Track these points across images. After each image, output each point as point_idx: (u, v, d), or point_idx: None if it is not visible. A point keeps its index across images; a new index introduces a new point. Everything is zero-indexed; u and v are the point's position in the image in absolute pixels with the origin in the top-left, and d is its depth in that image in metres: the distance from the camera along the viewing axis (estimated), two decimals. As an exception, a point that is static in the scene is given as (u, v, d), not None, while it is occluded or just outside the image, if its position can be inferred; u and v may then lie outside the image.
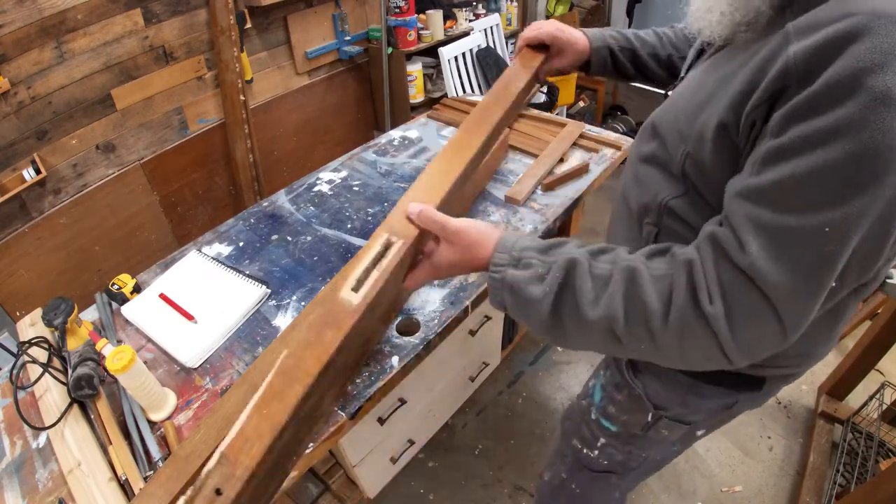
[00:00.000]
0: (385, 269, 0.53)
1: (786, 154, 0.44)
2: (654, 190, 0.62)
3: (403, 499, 1.48)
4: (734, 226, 0.48)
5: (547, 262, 0.55)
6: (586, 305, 0.52)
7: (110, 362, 0.73)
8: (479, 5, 2.84)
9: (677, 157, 0.58)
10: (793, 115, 0.44)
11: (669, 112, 0.62)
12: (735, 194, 0.48)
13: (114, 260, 1.99)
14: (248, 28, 2.05)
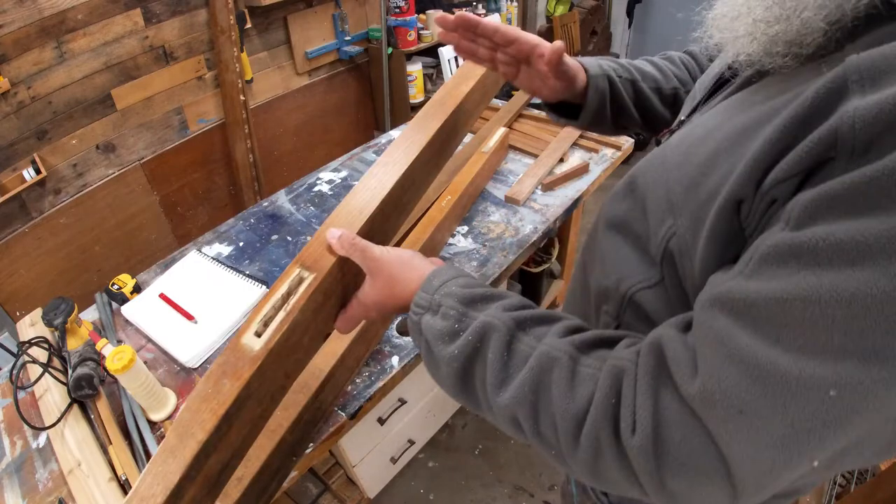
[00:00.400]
0: (292, 310, 0.46)
1: (803, 259, 0.30)
2: (619, 272, 0.48)
3: (403, 499, 1.48)
4: (697, 340, 0.35)
5: (466, 319, 0.44)
6: (491, 386, 0.41)
7: (110, 362, 0.73)
8: (479, 5, 2.84)
9: (660, 234, 0.43)
10: (829, 203, 0.29)
11: (658, 169, 0.45)
12: (710, 299, 0.35)
13: (114, 260, 1.99)
14: (248, 28, 2.05)
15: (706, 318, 0.34)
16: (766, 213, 0.34)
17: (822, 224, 0.29)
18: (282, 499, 1.18)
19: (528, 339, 0.42)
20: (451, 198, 1.13)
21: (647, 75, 0.67)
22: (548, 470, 1.53)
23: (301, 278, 0.49)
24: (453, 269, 0.49)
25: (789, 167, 0.32)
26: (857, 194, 0.28)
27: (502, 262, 1.07)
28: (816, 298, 0.29)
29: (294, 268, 0.49)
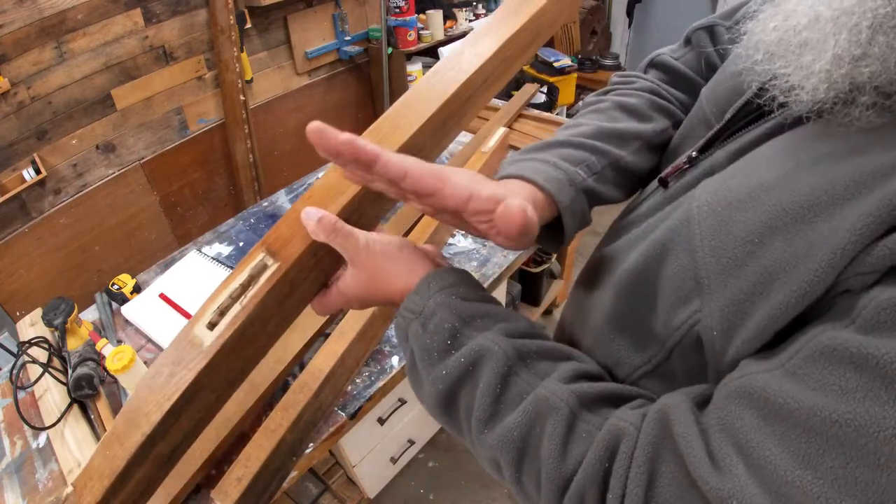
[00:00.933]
0: (248, 304, 0.41)
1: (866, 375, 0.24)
2: (614, 355, 0.41)
3: (403, 499, 1.48)
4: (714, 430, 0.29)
5: (460, 337, 0.38)
6: (477, 420, 0.36)
7: (110, 362, 0.73)
8: (479, 5, 2.84)
9: (676, 318, 0.34)
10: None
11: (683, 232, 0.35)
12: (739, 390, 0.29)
13: (114, 260, 1.99)
14: (248, 28, 2.05)
15: (730, 410, 0.28)
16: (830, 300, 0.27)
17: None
18: (282, 499, 1.18)
19: (528, 376, 0.36)
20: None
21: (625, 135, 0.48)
22: None
23: (264, 265, 0.42)
24: (456, 274, 0.41)
25: (878, 261, 0.25)
26: None
27: (502, 262, 1.07)
28: (874, 430, 0.23)
29: (259, 251, 0.42)
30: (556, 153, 0.45)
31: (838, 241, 0.26)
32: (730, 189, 0.33)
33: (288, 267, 0.41)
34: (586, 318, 0.44)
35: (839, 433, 0.24)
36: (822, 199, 0.28)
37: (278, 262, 0.41)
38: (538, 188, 0.41)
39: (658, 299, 0.36)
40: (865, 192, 0.26)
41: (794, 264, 0.28)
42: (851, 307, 0.25)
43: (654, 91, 0.52)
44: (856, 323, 0.25)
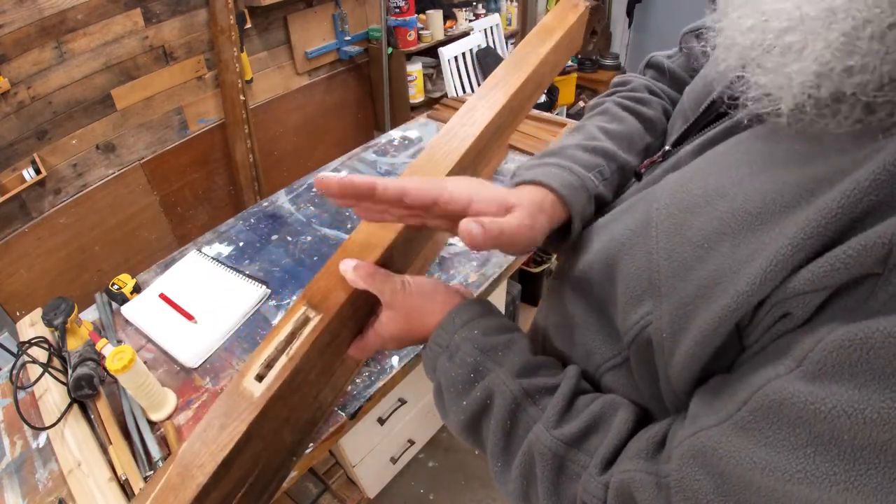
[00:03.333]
0: (294, 355, 0.43)
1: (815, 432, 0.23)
2: (586, 345, 0.41)
3: (403, 499, 1.48)
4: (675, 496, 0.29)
5: (481, 370, 0.40)
6: (492, 455, 0.40)
7: (110, 362, 0.73)
8: (479, 5, 2.84)
9: (632, 318, 0.34)
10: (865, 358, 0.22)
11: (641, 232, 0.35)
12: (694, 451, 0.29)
13: (114, 260, 1.99)
14: (248, 28, 2.05)
15: (686, 473, 0.28)
16: (773, 327, 0.27)
17: (849, 387, 0.22)
18: (282, 499, 1.18)
19: (534, 412, 0.38)
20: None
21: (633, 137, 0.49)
22: None
23: (307, 318, 0.44)
24: (479, 306, 0.44)
25: (814, 280, 0.24)
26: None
27: (502, 262, 1.07)
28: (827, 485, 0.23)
29: (300, 304, 0.45)
30: (570, 158, 0.46)
31: (776, 249, 0.25)
32: (688, 191, 0.33)
33: (330, 318, 0.44)
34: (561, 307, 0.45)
35: (794, 490, 0.24)
36: (770, 206, 0.27)
37: (320, 313, 0.44)
38: (554, 193, 0.42)
39: (618, 296, 0.36)
40: (811, 200, 0.25)
41: (735, 271, 0.27)
42: (796, 346, 0.25)
43: (647, 87, 0.54)
44: (802, 367, 0.24)
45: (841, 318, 0.23)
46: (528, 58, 0.62)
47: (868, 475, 0.21)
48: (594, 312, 0.40)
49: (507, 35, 3.02)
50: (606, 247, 0.38)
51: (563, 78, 2.91)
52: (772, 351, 0.27)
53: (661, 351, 0.32)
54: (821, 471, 0.23)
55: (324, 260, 1.11)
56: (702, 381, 0.31)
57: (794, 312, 0.25)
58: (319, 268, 1.13)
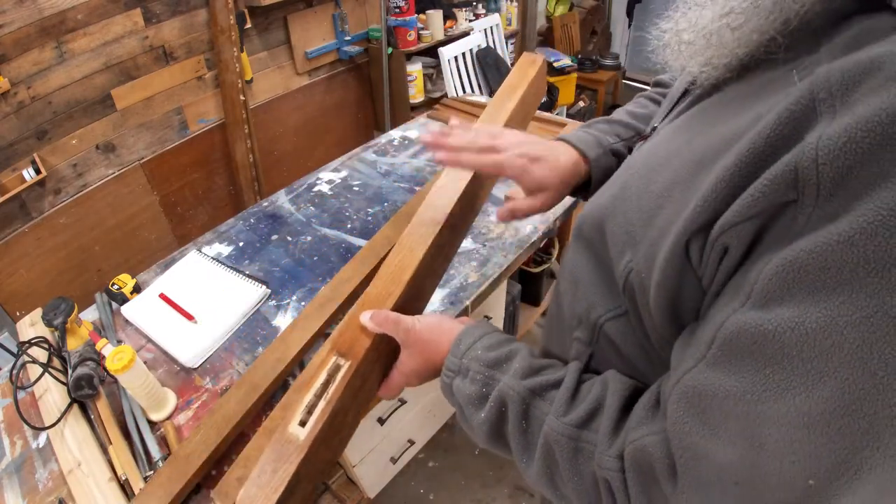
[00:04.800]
0: (331, 399, 0.49)
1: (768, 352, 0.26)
2: (589, 298, 0.45)
3: (403, 499, 1.48)
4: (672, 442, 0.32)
5: (492, 382, 0.44)
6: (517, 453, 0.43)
7: (110, 362, 0.73)
8: (479, 5, 2.84)
9: (620, 266, 0.39)
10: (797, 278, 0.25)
11: (620, 194, 0.40)
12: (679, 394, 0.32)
13: (114, 260, 1.99)
14: (248, 28, 2.05)
15: (678, 418, 0.32)
16: (720, 264, 0.30)
17: (789, 305, 0.25)
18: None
19: (544, 406, 0.41)
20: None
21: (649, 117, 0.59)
22: None
23: (338, 366, 0.51)
24: (479, 328, 0.49)
25: (741, 210, 0.27)
26: (826, 266, 0.23)
27: (502, 262, 1.07)
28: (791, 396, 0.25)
29: (331, 355, 0.51)
30: (596, 127, 0.61)
31: (708, 185, 0.29)
32: (654, 155, 0.39)
33: (358, 363, 0.50)
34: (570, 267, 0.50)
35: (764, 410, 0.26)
36: (708, 155, 0.32)
37: (349, 360, 0.50)
38: (574, 148, 0.57)
39: (610, 252, 0.41)
40: (734, 144, 0.29)
41: (683, 209, 0.31)
42: (744, 281, 0.28)
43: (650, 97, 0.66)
44: (751, 299, 0.27)
45: (775, 248, 0.26)
46: (498, 115, 0.72)
47: (822, 381, 0.24)
48: (595, 270, 0.44)
49: (507, 35, 3.02)
50: (597, 211, 0.43)
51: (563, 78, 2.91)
52: (727, 292, 0.30)
53: (642, 291, 0.36)
54: (781, 386, 0.25)
55: (324, 260, 1.12)
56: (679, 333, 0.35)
57: (732, 245, 0.28)
58: (319, 268, 1.14)
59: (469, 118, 1.63)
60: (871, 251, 0.22)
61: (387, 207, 1.26)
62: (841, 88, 0.24)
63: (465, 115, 1.66)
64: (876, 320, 0.22)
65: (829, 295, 0.23)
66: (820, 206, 0.24)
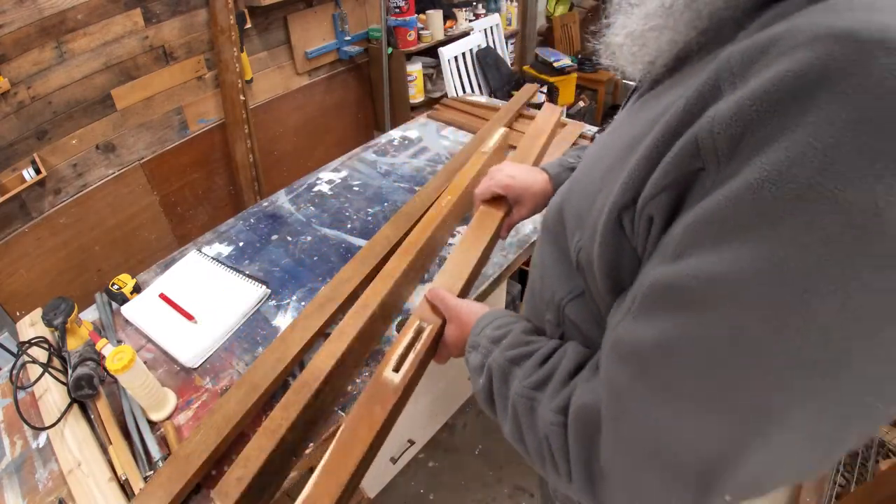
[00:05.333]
0: (419, 351, 0.64)
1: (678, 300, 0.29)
2: (552, 283, 0.49)
3: (403, 499, 1.48)
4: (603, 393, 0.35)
5: (487, 355, 0.50)
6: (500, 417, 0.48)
7: (110, 362, 0.73)
8: (479, 5, 2.84)
9: (572, 247, 0.43)
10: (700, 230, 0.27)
11: (572, 182, 0.47)
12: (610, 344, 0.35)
13: (114, 260, 1.99)
14: (248, 28, 2.05)
15: (606, 368, 0.35)
16: (649, 234, 0.33)
17: (695, 256, 0.27)
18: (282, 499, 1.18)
19: (518, 372, 0.46)
20: (451, 198, 1.13)
21: None
22: None
23: (422, 328, 0.67)
24: (497, 312, 0.57)
25: (657, 181, 0.30)
26: (723, 218, 0.26)
27: (502, 261, 1.07)
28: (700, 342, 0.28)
29: (415, 320, 0.68)
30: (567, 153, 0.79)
31: (632, 163, 0.33)
32: (599, 146, 0.45)
33: (437, 326, 0.66)
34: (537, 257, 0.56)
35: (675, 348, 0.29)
36: (636, 138, 0.35)
37: (430, 324, 0.67)
38: (543, 170, 0.77)
39: (566, 234, 0.46)
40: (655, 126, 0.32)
41: (611, 192, 0.35)
42: (663, 244, 0.31)
43: None
44: (668, 255, 0.30)
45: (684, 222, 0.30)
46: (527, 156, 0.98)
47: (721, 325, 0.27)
48: (557, 257, 0.49)
49: (507, 35, 3.02)
50: (556, 199, 0.50)
51: (562, 78, 2.90)
52: (653, 255, 0.33)
53: (589, 267, 0.40)
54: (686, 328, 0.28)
55: (324, 260, 1.12)
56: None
57: (655, 214, 0.31)
58: (319, 268, 1.14)
59: (469, 118, 1.63)
60: (759, 205, 0.24)
61: (387, 207, 1.26)
62: (740, 67, 0.27)
63: (466, 115, 1.66)
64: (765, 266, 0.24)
65: (726, 245, 0.26)
66: (721, 170, 0.27)
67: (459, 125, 1.61)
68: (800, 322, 0.24)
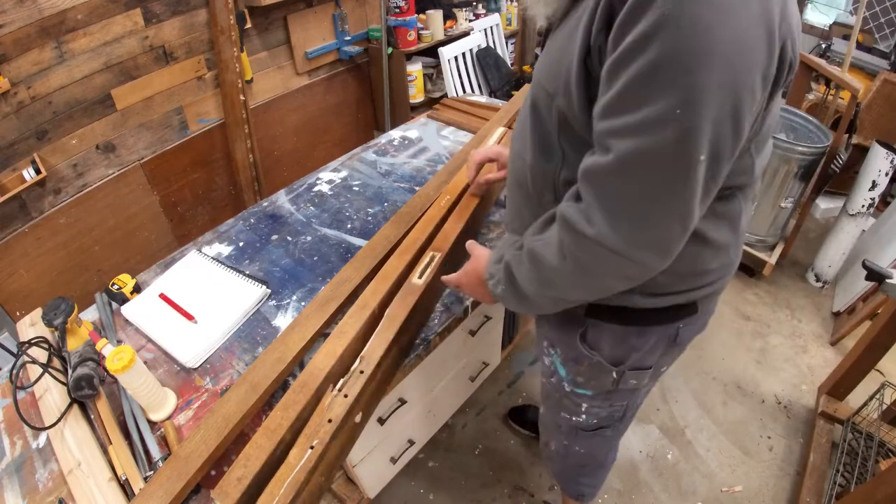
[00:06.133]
0: (435, 265, 0.96)
1: (619, 66, 0.45)
2: (542, 171, 0.65)
3: (403, 499, 1.48)
4: (583, 195, 0.53)
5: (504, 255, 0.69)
6: (519, 277, 0.65)
7: (110, 362, 0.73)
8: (479, 5, 2.84)
9: (553, 117, 0.59)
10: (618, 33, 0.45)
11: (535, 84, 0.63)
12: (580, 174, 0.53)
13: (114, 260, 1.99)
14: (248, 28, 2.05)
15: (581, 186, 0.53)
16: (601, 61, 0.49)
17: (621, 44, 0.45)
18: (282, 499, 1.18)
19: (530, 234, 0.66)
20: (450, 197, 1.13)
21: None
22: (548, 470, 1.53)
23: (434, 255, 0.98)
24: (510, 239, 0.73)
25: (598, 22, 0.48)
26: (628, 17, 0.44)
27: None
28: (629, 82, 0.45)
29: (430, 251, 0.99)
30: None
31: (583, 26, 0.50)
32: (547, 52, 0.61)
33: (444, 254, 0.99)
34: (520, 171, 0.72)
35: (627, 92, 0.46)
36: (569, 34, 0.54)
37: (440, 253, 0.99)
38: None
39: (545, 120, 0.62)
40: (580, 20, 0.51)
41: (570, 59, 0.53)
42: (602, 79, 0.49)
43: None
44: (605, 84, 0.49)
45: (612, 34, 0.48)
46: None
47: (638, 94, 0.46)
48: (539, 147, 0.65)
49: (507, 35, 3.01)
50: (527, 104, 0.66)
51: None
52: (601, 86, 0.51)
53: (570, 111, 0.56)
54: (625, 86, 0.46)
55: (324, 260, 1.12)
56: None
57: (602, 45, 0.49)
58: (319, 268, 1.13)
59: (469, 118, 1.63)
60: (648, 36, 0.43)
61: (387, 207, 1.26)
62: None
63: (465, 115, 1.66)
64: (659, 19, 0.43)
65: (633, 26, 0.44)
66: (622, 2, 0.45)
67: (459, 125, 1.61)
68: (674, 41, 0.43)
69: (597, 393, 0.84)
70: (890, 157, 1.77)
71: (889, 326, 1.36)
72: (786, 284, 2.15)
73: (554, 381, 0.89)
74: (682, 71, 0.42)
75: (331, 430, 0.71)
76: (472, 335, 1.26)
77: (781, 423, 1.64)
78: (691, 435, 1.60)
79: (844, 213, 1.96)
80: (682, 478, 1.50)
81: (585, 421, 0.92)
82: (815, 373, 1.78)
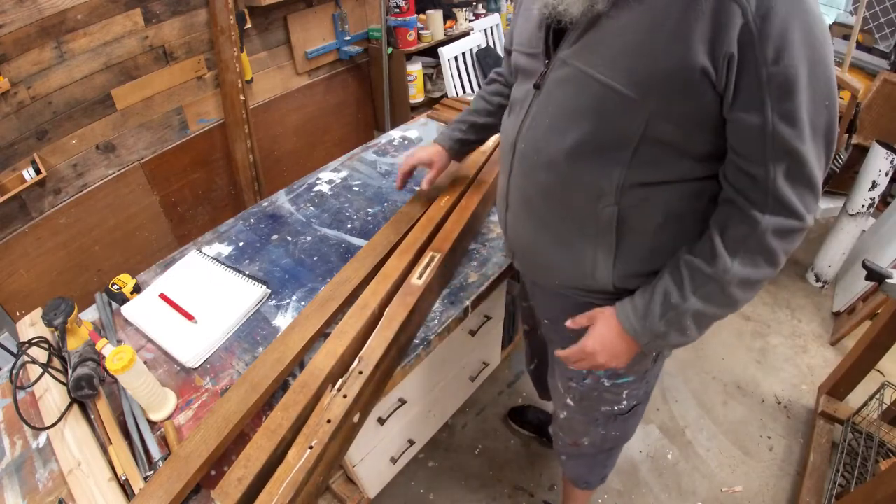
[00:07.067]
0: (435, 265, 0.96)
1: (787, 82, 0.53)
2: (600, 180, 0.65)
3: (403, 499, 1.48)
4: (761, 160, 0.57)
5: (676, 317, 0.67)
6: (713, 307, 0.66)
7: (110, 362, 0.73)
8: (479, 5, 2.84)
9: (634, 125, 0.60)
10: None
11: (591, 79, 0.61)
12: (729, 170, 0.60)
13: (114, 260, 1.99)
14: (248, 28, 2.05)
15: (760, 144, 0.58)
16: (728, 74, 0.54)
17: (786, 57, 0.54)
18: (282, 499, 1.18)
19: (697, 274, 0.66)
20: (450, 197, 1.13)
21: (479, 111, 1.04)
22: (548, 470, 1.52)
23: (433, 256, 0.98)
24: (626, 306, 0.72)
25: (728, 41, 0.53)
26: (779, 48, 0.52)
27: (502, 262, 1.07)
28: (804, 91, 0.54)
29: (430, 252, 0.99)
30: (453, 126, 1.08)
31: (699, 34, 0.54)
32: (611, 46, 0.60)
33: (444, 255, 0.98)
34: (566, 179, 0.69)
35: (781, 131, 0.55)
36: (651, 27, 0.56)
37: (439, 253, 0.99)
38: (440, 144, 1.08)
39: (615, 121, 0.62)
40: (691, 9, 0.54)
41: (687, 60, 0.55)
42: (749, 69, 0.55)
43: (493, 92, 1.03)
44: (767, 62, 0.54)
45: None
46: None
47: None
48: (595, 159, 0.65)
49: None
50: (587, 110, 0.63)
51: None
52: (741, 87, 0.56)
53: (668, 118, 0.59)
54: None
55: (324, 260, 1.12)
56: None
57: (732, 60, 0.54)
58: (319, 268, 1.13)
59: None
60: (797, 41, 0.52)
61: (387, 207, 1.26)
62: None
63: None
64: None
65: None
66: (761, 26, 0.51)
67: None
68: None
69: (637, 377, 0.87)
70: (890, 157, 1.77)
71: (889, 326, 1.36)
72: (786, 284, 2.15)
73: (589, 382, 0.89)
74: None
75: (330, 430, 0.71)
76: (472, 335, 1.26)
77: (781, 423, 1.64)
78: (691, 435, 1.60)
79: (844, 213, 1.96)
80: (682, 478, 1.50)
81: (626, 405, 0.93)
82: (815, 373, 1.78)
